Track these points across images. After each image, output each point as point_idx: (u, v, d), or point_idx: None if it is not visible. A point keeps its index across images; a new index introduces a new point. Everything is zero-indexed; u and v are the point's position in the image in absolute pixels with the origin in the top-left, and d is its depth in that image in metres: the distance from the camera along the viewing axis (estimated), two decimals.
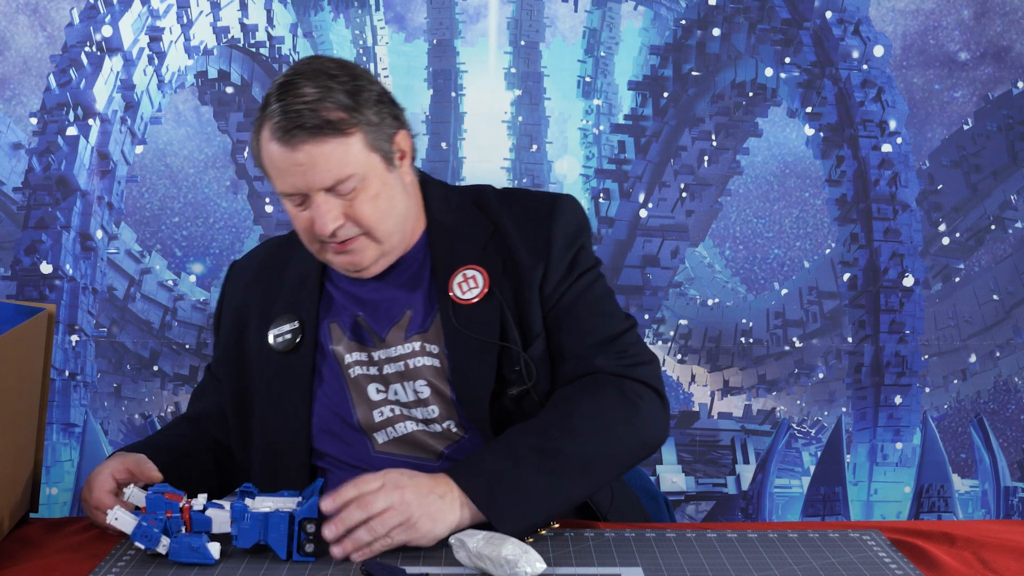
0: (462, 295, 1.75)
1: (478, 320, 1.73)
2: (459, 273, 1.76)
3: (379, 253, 1.73)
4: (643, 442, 1.72)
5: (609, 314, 1.79)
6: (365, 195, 1.68)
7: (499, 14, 3.76)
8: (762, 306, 3.75)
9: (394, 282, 1.79)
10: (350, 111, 1.66)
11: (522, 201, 1.82)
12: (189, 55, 3.62)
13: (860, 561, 1.52)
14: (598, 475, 1.67)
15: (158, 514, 1.53)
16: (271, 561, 1.53)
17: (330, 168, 1.65)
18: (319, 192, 1.66)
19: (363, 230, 1.70)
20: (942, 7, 3.65)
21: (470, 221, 1.80)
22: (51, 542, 1.64)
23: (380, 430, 1.76)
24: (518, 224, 1.78)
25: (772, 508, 3.68)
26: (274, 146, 1.66)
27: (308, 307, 1.80)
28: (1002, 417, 3.69)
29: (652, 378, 1.75)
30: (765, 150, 3.73)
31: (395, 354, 1.76)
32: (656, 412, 1.73)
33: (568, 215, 1.80)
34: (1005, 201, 3.67)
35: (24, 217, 3.55)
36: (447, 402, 1.74)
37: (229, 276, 1.94)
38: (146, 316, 3.66)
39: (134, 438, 3.58)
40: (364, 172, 1.67)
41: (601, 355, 1.74)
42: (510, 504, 1.57)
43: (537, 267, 1.75)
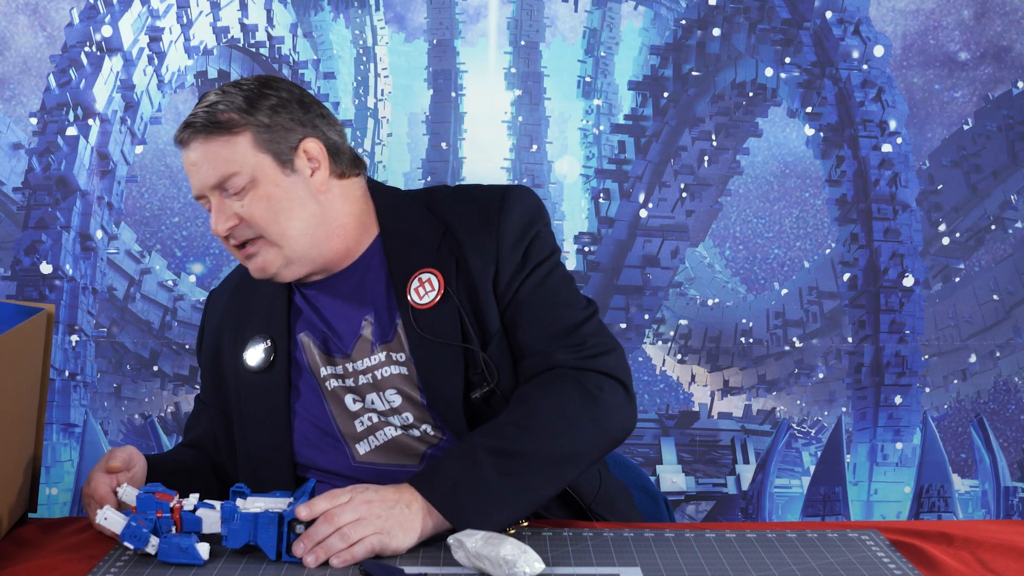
0: (419, 299, 1.74)
1: (437, 323, 1.73)
2: (415, 278, 1.76)
3: (283, 258, 1.73)
4: (607, 435, 1.70)
5: (566, 304, 1.77)
6: (255, 195, 1.70)
7: (499, 14, 3.76)
8: (762, 306, 3.75)
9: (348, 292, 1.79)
10: (240, 112, 1.71)
11: (473, 198, 1.81)
12: (189, 55, 3.63)
13: (859, 561, 1.52)
14: (562, 472, 1.66)
15: (148, 514, 1.54)
16: (269, 561, 1.53)
17: (215, 165, 1.69)
18: (213, 192, 1.71)
19: (257, 231, 1.71)
20: (942, 7, 3.65)
21: (422, 224, 1.79)
22: (50, 542, 1.64)
23: (362, 439, 1.76)
24: (468, 223, 1.78)
25: (772, 508, 3.69)
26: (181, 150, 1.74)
27: (278, 324, 1.81)
28: (1002, 417, 3.69)
29: (614, 367, 1.73)
30: (765, 150, 3.73)
31: (362, 366, 1.76)
32: (619, 403, 1.71)
33: (519, 207, 1.78)
34: (1005, 201, 3.67)
35: (24, 217, 3.55)
36: (419, 407, 1.75)
37: (207, 306, 1.97)
38: (146, 316, 3.66)
39: (134, 438, 3.59)
40: (252, 171, 1.70)
41: (560, 349, 1.72)
42: (474, 508, 1.57)
43: (488, 265, 1.75)
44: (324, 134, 1.76)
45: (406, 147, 3.78)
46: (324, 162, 1.75)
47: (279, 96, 1.74)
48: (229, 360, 1.84)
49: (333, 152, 1.76)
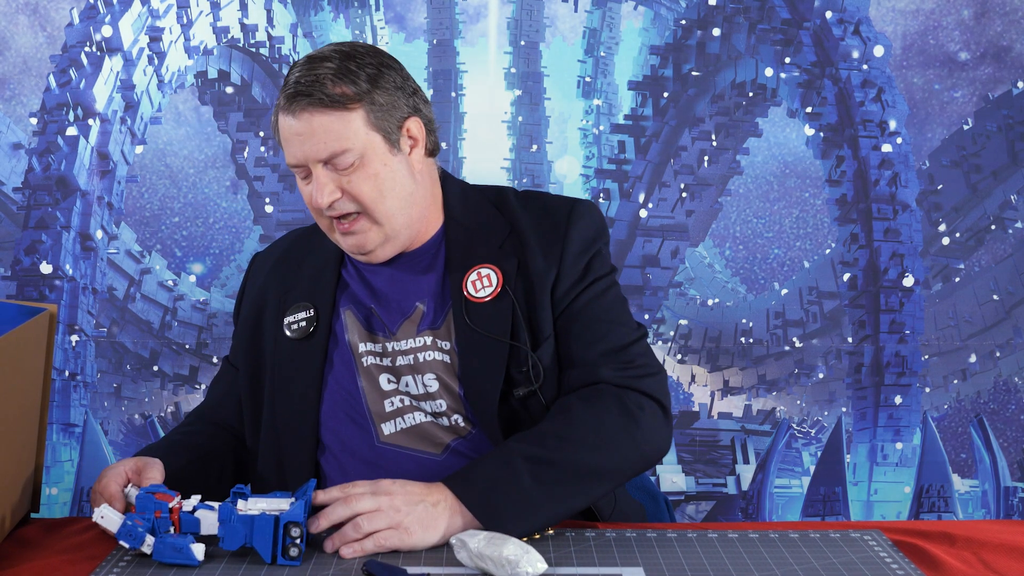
0: (475, 293, 1.75)
1: (489, 318, 1.74)
2: (474, 271, 1.77)
3: (382, 236, 1.74)
4: (642, 455, 1.71)
5: (619, 323, 1.79)
6: (364, 172, 1.70)
7: (499, 14, 3.76)
8: (762, 306, 3.75)
9: (407, 274, 1.81)
10: (359, 89, 1.69)
11: (542, 203, 1.83)
12: (189, 55, 3.62)
13: (861, 561, 1.52)
14: (595, 486, 1.67)
15: (146, 514, 1.54)
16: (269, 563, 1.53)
17: (327, 140, 1.68)
18: (317, 165, 1.70)
19: (360, 208, 1.72)
20: (942, 7, 3.65)
21: (488, 220, 1.81)
22: (51, 543, 1.64)
23: (389, 420, 1.77)
24: (536, 226, 1.79)
25: (772, 508, 3.69)
26: (281, 115, 1.71)
27: (324, 295, 1.82)
28: (1002, 417, 3.69)
29: (657, 390, 1.75)
30: (765, 150, 3.73)
31: (406, 347, 1.77)
32: (658, 425, 1.73)
33: (586, 220, 1.81)
34: (1005, 201, 3.67)
35: (24, 217, 3.55)
36: (455, 397, 1.75)
37: (251, 267, 1.97)
38: (146, 316, 3.66)
39: (134, 438, 3.59)
40: (363, 149, 1.70)
41: (607, 365, 1.74)
42: (506, 511, 1.57)
43: (550, 270, 1.76)
44: (422, 111, 1.78)
45: None
46: (422, 140, 1.77)
47: (395, 77, 1.75)
48: (270, 324, 1.85)
49: (429, 130, 1.79)
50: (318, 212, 1.74)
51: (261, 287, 1.90)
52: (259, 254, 1.98)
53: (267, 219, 3.69)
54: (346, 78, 1.69)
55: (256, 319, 1.88)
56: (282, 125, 1.71)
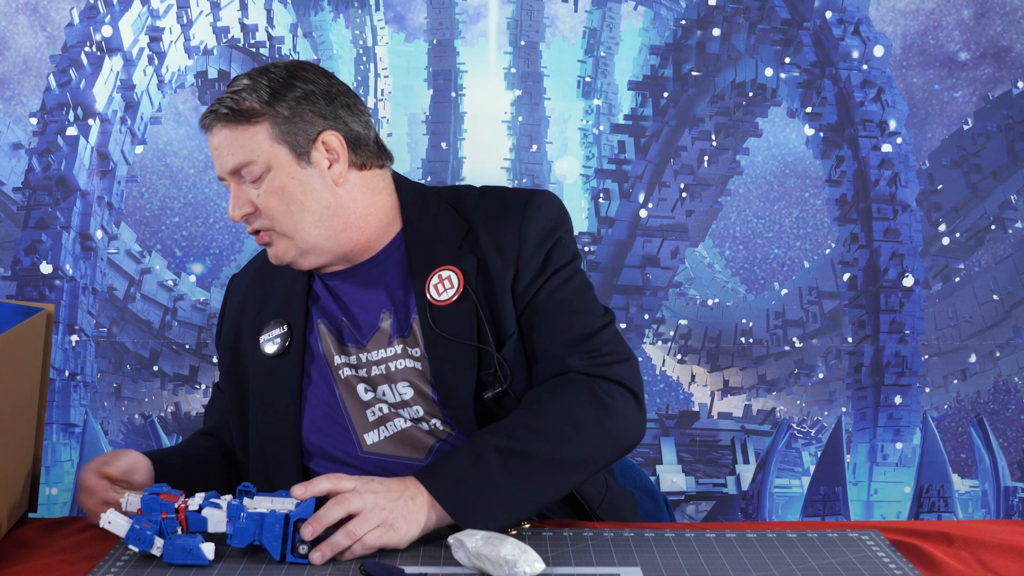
0: (438, 296, 1.75)
1: (454, 321, 1.73)
2: (435, 274, 1.76)
3: (296, 249, 1.76)
4: (615, 442, 1.70)
5: (584, 311, 1.77)
6: (270, 186, 1.73)
7: (499, 14, 3.76)
8: (762, 306, 3.75)
9: (369, 284, 1.80)
10: (262, 103, 1.73)
11: (498, 198, 1.82)
12: (189, 55, 3.63)
13: (859, 561, 1.52)
14: (568, 476, 1.66)
15: (153, 515, 1.54)
16: (270, 562, 1.53)
17: (233, 152, 1.72)
18: (232, 177, 1.74)
19: (268, 223, 1.74)
20: (942, 7, 3.65)
21: (445, 221, 1.80)
22: (50, 542, 1.64)
23: (372, 429, 1.77)
24: (491, 223, 1.78)
25: (772, 508, 3.68)
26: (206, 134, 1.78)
27: (296, 310, 1.82)
28: (1002, 417, 3.69)
29: (627, 377, 1.73)
30: (765, 150, 3.73)
31: (377, 357, 1.77)
32: (629, 412, 1.72)
33: (542, 212, 1.79)
34: (1005, 201, 3.67)
35: (24, 217, 3.55)
36: (430, 402, 1.75)
37: (228, 289, 1.99)
38: (146, 316, 3.66)
39: (134, 438, 3.59)
40: (267, 161, 1.72)
41: (574, 355, 1.72)
42: (477, 505, 1.57)
43: (508, 267, 1.75)
44: (347, 125, 1.77)
45: (406, 147, 3.78)
46: (343, 154, 1.76)
47: (304, 88, 1.75)
48: (248, 343, 1.86)
49: (353, 144, 1.77)
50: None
51: (238, 308, 1.91)
52: (235, 276, 1.99)
53: None
54: (253, 93, 1.73)
55: (235, 340, 1.89)
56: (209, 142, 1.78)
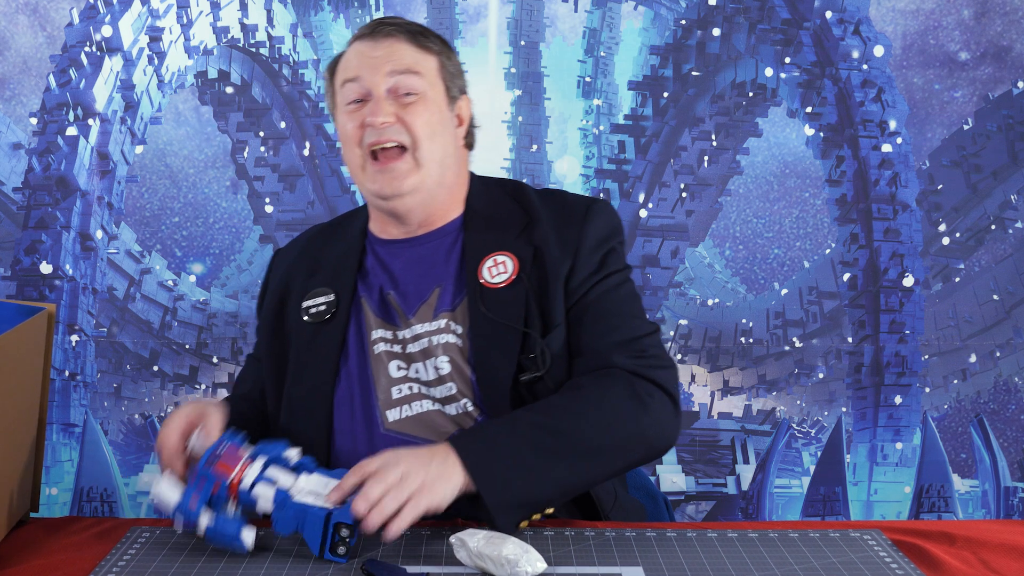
0: (491, 279, 1.79)
1: (503, 304, 1.76)
2: (490, 258, 1.80)
3: (417, 181, 1.79)
4: (648, 441, 1.71)
5: (633, 316, 1.82)
6: (423, 107, 1.79)
7: (499, 14, 3.76)
8: (762, 306, 3.75)
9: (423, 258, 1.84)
10: (438, 44, 1.84)
11: (561, 199, 1.89)
12: (189, 55, 3.62)
13: (861, 561, 1.52)
14: (597, 465, 1.67)
15: (205, 485, 1.54)
16: (272, 561, 1.53)
17: (403, 60, 1.79)
18: (381, 89, 1.77)
19: (409, 140, 1.77)
20: (942, 7, 3.65)
21: (507, 211, 1.86)
22: (51, 542, 1.64)
23: (395, 407, 1.78)
24: (554, 219, 1.84)
25: (772, 508, 3.68)
26: (358, 44, 1.82)
27: (345, 281, 1.85)
28: (1002, 417, 3.69)
29: (668, 382, 1.76)
30: (765, 150, 3.73)
31: (420, 331, 1.79)
32: (665, 414, 1.73)
33: (603, 217, 1.85)
34: (1005, 201, 3.67)
35: (24, 217, 3.55)
36: (466, 381, 1.77)
37: (272, 263, 2.02)
38: (146, 316, 3.66)
39: (134, 438, 3.59)
40: (429, 86, 1.80)
41: (619, 353, 1.75)
42: (503, 475, 1.58)
43: (565, 260, 1.79)
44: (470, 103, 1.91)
45: None
46: (466, 124, 1.88)
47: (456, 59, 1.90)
48: (294, 309, 1.88)
49: (470, 123, 1.90)
50: (358, 142, 1.79)
51: (284, 277, 1.93)
52: (280, 250, 2.03)
53: (267, 219, 3.69)
54: (426, 34, 1.84)
55: (280, 307, 1.91)
56: (355, 51, 1.81)
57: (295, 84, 3.70)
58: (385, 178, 1.78)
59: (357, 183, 1.84)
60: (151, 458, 3.60)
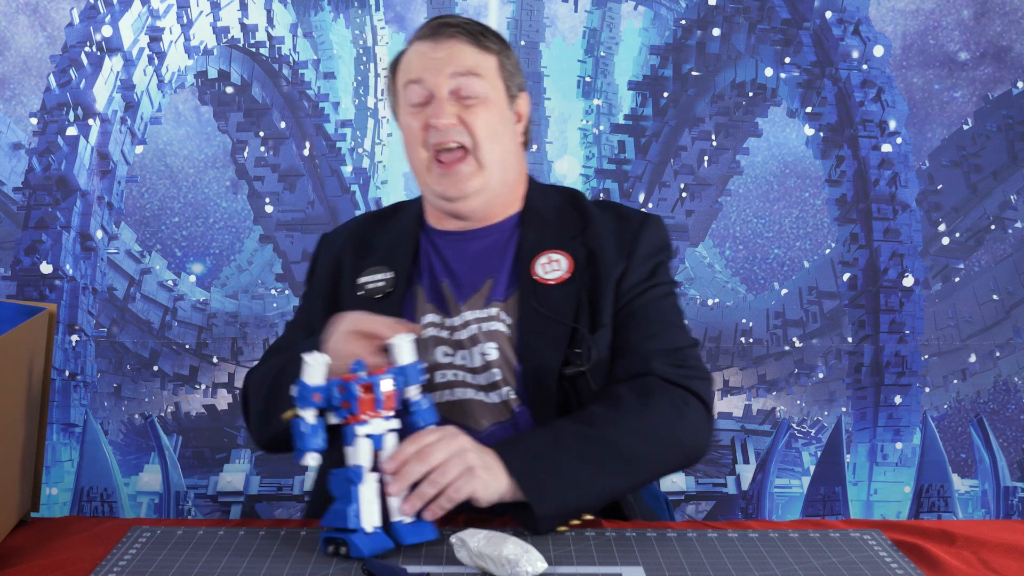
0: (544, 275, 1.83)
1: (555, 300, 1.80)
2: (544, 255, 1.84)
3: (480, 182, 1.82)
4: (683, 450, 1.75)
5: (675, 326, 1.86)
6: (484, 109, 1.81)
7: (499, 14, 3.76)
8: (762, 306, 3.75)
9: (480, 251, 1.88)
10: (497, 43, 1.86)
11: (616, 208, 1.94)
12: (189, 55, 3.62)
13: (861, 560, 1.52)
14: (636, 472, 1.71)
15: (336, 395, 1.54)
16: (272, 560, 1.53)
17: (465, 62, 1.81)
18: (443, 90, 1.80)
19: (471, 142, 1.80)
20: (942, 7, 3.65)
21: (564, 214, 1.90)
22: (51, 542, 1.64)
23: (436, 391, 1.81)
24: (610, 224, 1.88)
25: (772, 508, 3.68)
26: (420, 44, 1.84)
27: (402, 263, 1.88)
28: (1002, 417, 3.69)
29: (704, 392, 1.79)
30: (765, 150, 3.73)
31: (470, 317, 1.83)
32: (700, 423, 1.77)
33: (657, 230, 1.91)
34: (1005, 201, 3.67)
35: (24, 217, 3.55)
36: (511, 370, 1.80)
37: (321, 245, 2.03)
38: (146, 316, 3.66)
39: (134, 438, 3.59)
40: (490, 88, 1.82)
41: (659, 360, 1.79)
42: (548, 484, 1.60)
43: (619, 262, 1.84)
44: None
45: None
46: (524, 119, 1.91)
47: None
48: (348, 290, 1.90)
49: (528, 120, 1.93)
50: (422, 142, 1.82)
51: (335, 258, 1.96)
52: (326, 235, 2.04)
53: (267, 219, 3.69)
54: (485, 34, 1.85)
55: (333, 286, 1.93)
56: (416, 52, 1.83)
57: (295, 84, 3.70)
58: (449, 181, 1.81)
59: (421, 182, 1.87)
60: (151, 458, 3.61)
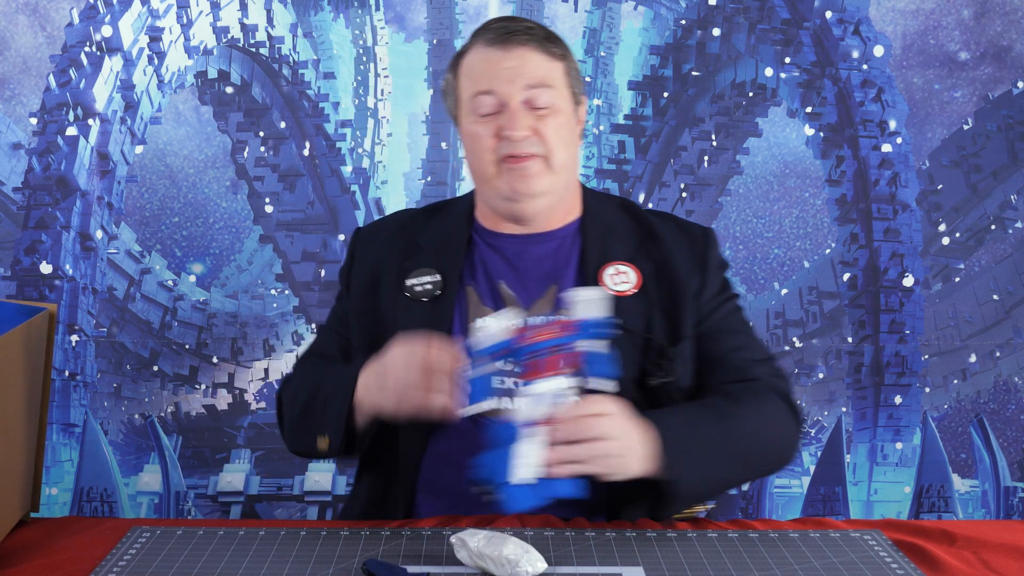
0: (613, 286, 1.83)
1: (626, 312, 1.80)
2: (611, 266, 1.85)
3: (548, 184, 1.82)
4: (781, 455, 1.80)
5: (756, 337, 1.92)
6: (555, 118, 1.81)
7: (499, 14, 3.76)
8: (762, 306, 3.75)
9: (542, 256, 1.87)
10: (560, 49, 1.85)
11: (673, 221, 1.95)
12: (189, 55, 3.62)
13: (861, 560, 1.52)
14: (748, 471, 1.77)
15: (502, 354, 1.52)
16: (272, 560, 1.53)
17: (537, 72, 1.81)
18: (515, 100, 1.79)
19: (544, 150, 1.80)
20: (942, 7, 3.65)
21: (622, 223, 1.91)
22: (51, 542, 1.64)
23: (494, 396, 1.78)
24: (675, 237, 1.90)
25: (772, 508, 3.68)
26: (487, 51, 1.83)
27: (452, 264, 1.87)
28: (1002, 417, 3.69)
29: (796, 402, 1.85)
30: (765, 150, 3.73)
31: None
32: (796, 433, 1.83)
33: (718, 244, 1.94)
34: (1005, 201, 3.67)
35: (24, 217, 3.55)
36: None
37: (356, 239, 2.00)
38: (146, 316, 3.66)
39: (134, 438, 3.59)
40: (558, 97, 1.82)
41: (760, 368, 1.84)
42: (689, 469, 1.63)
43: (694, 277, 1.86)
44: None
45: (406, 147, 3.78)
46: (582, 125, 1.91)
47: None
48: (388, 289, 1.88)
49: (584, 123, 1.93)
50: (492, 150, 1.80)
51: (375, 260, 1.93)
52: (363, 230, 2.01)
53: (267, 219, 3.69)
54: (551, 39, 1.85)
55: (371, 290, 1.91)
56: (484, 59, 1.82)
57: (295, 84, 3.70)
58: (516, 175, 1.80)
59: (483, 186, 1.86)
60: (151, 458, 3.61)
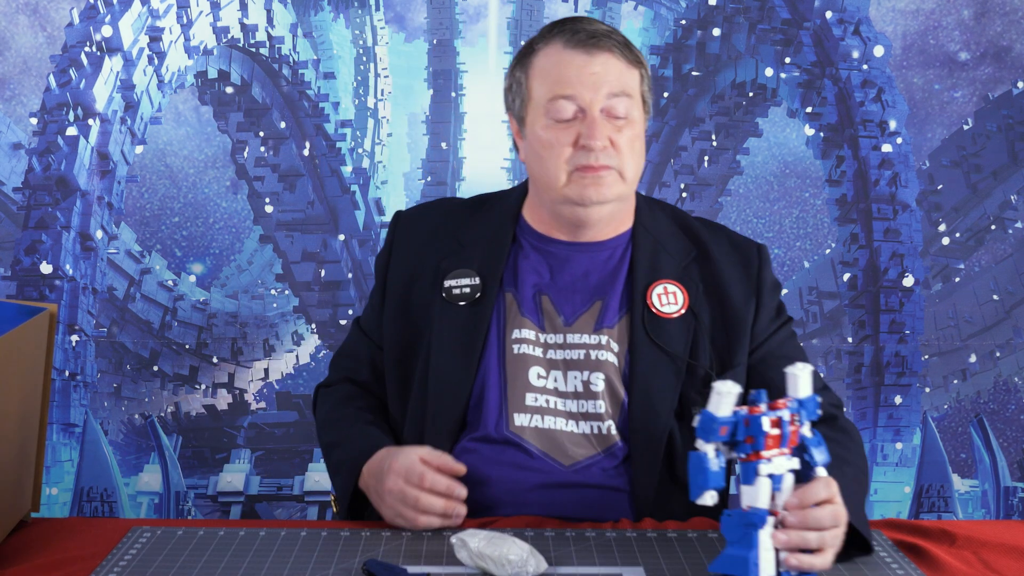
0: (660, 306, 1.77)
1: (670, 335, 1.75)
2: (659, 284, 1.79)
3: (619, 192, 1.76)
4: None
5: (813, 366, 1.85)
6: (631, 129, 1.75)
7: (499, 14, 3.76)
8: None
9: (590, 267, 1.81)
10: (638, 57, 1.80)
11: (726, 236, 1.88)
12: (189, 55, 3.62)
13: (861, 560, 1.52)
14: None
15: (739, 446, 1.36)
16: (272, 560, 1.53)
17: (619, 80, 1.75)
18: (596, 108, 1.73)
19: (618, 164, 1.74)
20: (942, 7, 3.65)
21: (674, 238, 1.84)
22: (51, 542, 1.64)
23: (525, 413, 1.75)
24: (726, 257, 1.83)
25: None
26: (569, 53, 1.76)
27: (492, 268, 1.80)
28: (1002, 417, 3.69)
29: None
30: (765, 150, 3.73)
31: (578, 341, 1.76)
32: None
33: (770, 263, 1.87)
34: (1005, 201, 3.67)
35: (24, 217, 3.55)
36: (617, 403, 1.75)
37: (397, 226, 1.92)
38: (146, 316, 3.66)
39: (134, 438, 3.59)
40: (634, 107, 1.76)
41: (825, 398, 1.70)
42: (863, 513, 1.57)
43: (749, 304, 1.80)
44: None
45: (406, 147, 3.78)
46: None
47: None
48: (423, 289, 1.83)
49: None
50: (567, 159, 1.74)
51: (415, 252, 1.86)
52: (404, 213, 1.93)
53: (267, 219, 3.69)
54: (629, 45, 1.79)
55: (408, 285, 1.85)
56: (565, 62, 1.75)
57: (295, 84, 3.70)
58: (590, 181, 1.73)
59: (546, 191, 1.78)
60: (151, 458, 3.61)
